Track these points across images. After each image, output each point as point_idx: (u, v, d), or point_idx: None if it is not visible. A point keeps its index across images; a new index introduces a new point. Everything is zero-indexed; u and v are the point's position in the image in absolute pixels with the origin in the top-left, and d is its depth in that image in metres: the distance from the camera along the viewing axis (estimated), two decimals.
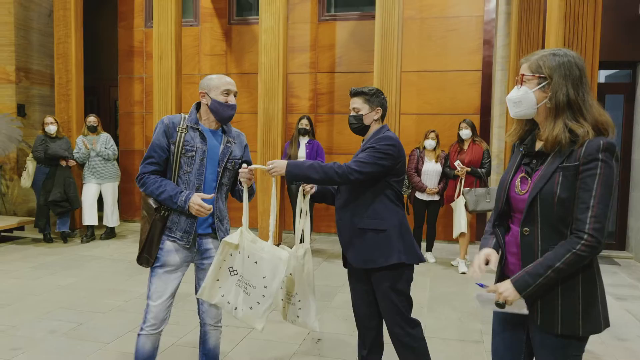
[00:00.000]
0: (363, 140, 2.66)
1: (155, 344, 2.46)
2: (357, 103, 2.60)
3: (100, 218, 6.76)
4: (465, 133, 5.55)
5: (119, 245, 6.52)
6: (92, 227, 6.70)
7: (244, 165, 2.44)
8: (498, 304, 1.69)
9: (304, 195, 2.60)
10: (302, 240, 2.58)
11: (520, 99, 1.73)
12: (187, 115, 2.47)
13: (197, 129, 2.43)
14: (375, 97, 2.60)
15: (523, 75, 1.74)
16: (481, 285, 1.77)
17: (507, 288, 1.67)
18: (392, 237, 2.47)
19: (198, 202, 2.31)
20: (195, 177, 2.40)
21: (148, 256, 2.41)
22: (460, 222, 5.32)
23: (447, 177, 5.66)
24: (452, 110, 6.83)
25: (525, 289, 1.64)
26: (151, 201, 2.40)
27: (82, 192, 6.58)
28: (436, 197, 5.71)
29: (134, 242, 6.72)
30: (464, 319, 4.02)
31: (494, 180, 6.44)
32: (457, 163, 5.45)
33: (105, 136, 6.70)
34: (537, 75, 1.70)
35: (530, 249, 1.71)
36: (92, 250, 6.17)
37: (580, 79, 1.67)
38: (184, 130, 2.40)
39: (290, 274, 2.52)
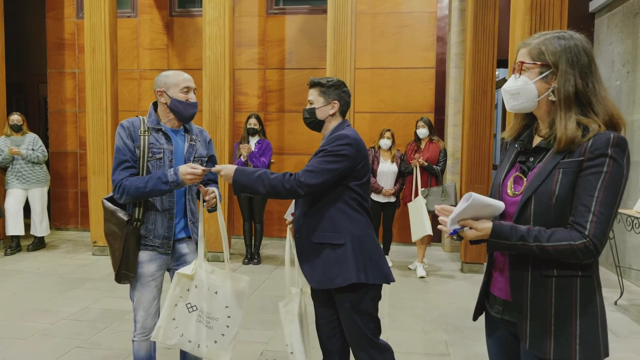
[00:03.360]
0: (323, 138, 2.35)
1: (150, 347, 2.42)
2: (313, 95, 2.31)
3: (28, 226, 6.12)
4: (423, 132, 5.36)
5: (49, 257, 5.90)
6: (17, 237, 6.04)
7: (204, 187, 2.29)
8: (458, 236, 1.46)
9: (293, 237, 2.33)
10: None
11: (518, 91, 1.47)
12: (145, 118, 2.34)
13: (160, 129, 2.32)
14: (333, 90, 2.29)
15: (523, 62, 1.47)
16: (454, 233, 1.47)
17: (485, 227, 1.41)
18: (351, 252, 2.16)
19: (188, 169, 2.15)
20: None
21: (127, 272, 2.31)
22: (425, 224, 5.02)
23: (404, 176, 5.45)
24: (406, 109, 6.65)
25: (499, 238, 1.40)
26: (120, 214, 2.27)
27: (4, 199, 5.92)
28: (392, 199, 5.49)
29: (67, 252, 6.12)
30: (428, 328, 3.79)
31: (449, 179, 6.31)
32: (412, 162, 5.25)
33: (32, 137, 6.06)
34: (539, 62, 1.44)
35: (520, 259, 1.46)
36: (17, 264, 5.53)
37: (589, 66, 1.42)
38: (147, 132, 2.28)
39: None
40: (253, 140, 5.59)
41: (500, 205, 1.44)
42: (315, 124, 2.32)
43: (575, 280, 1.41)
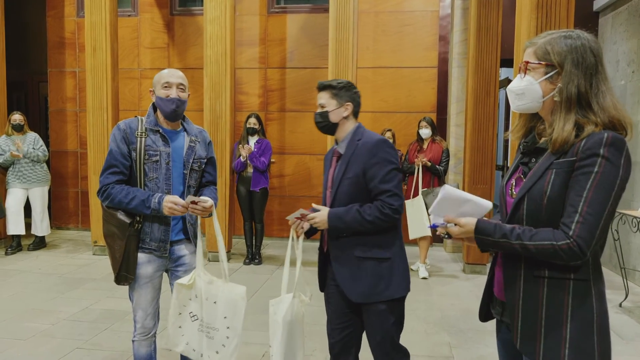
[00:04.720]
0: (336, 141, 2.32)
1: (150, 347, 2.42)
2: (324, 98, 2.27)
3: (29, 226, 6.09)
4: (425, 132, 5.32)
5: (50, 256, 5.88)
6: (18, 236, 6.02)
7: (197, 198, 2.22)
8: (446, 233, 1.54)
9: (297, 237, 2.27)
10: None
11: (523, 91, 1.45)
12: (144, 118, 2.32)
13: (158, 130, 2.29)
14: (345, 91, 2.26)
15: (527, 62, 1.45)
16: (434, 227, 1.54)
17: (467, 223, 1.46)
18: (397, 263, 2.16)
19: (171, 199, 2.18)
20: (163, 183, 2.28)
21: (127, 274, 2.29)
22: (425, 224, 4.98)
23: (405, 175, 5.42)
24: (408, 108, 6.61)
25: (482, 235, 1.44)
26: (122, 216, 2.24)
27: (5, 199, 5.89)
28: None
29: (67, 252, 6.10)
30: (430, 330, 3.76)
31: (451, 179, 6.28)
32: (416, 161, 5.22)
33: (32, 136, 6.04)
34: (544, 62, 1.42)
35: (513, 258, 1.45)
36: (18, 263, 5.51)
37: (595, 66, 1.39)
38: (144, 134, 2.26)
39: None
40: (252, 140, 5.56)
41: (485, 203, 1.48)
42: (328, 127, 2.28)
43: (567, 283, 1.38)
